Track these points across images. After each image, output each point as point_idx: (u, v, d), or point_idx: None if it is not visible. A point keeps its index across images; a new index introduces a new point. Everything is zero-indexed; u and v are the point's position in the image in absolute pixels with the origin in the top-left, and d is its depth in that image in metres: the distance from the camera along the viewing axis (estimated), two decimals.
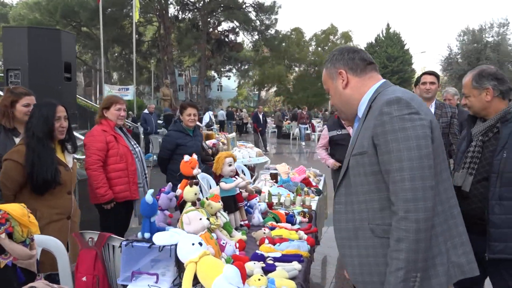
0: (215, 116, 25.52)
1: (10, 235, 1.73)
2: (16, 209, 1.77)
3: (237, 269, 1.83)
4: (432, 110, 3.79)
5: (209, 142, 8.07)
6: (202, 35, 34.72)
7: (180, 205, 2.47)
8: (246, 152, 7.69)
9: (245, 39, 40.77)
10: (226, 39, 39.36)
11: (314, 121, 21.48)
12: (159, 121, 15.35)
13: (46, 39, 3.72)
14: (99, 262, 2.30)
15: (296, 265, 2.15)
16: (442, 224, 1.54)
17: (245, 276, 1.87)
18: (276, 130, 22.27)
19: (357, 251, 1.62)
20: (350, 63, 1.68)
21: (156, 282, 1.94)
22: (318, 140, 18.81)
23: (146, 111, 13.17)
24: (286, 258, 2.24)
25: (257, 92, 50.54)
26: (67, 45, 3.88)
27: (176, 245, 1.95)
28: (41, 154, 2.49)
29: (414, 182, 1.41)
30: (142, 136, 13.10)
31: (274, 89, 43.62)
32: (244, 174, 4.98)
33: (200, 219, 2.12)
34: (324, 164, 4.91)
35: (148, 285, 1.93)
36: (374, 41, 34.89)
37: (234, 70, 44.94)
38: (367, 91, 1.66)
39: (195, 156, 2.65)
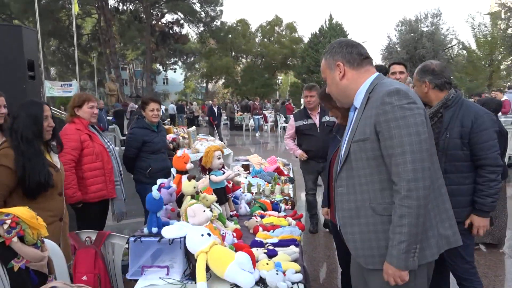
0: (166, 110, 25.05)
1: (21, 239, 1.71)
2: (24, 212, 1.75)
3: (248, 256, 1.94)
4: None
5: (168, 137, 7.99)
6: (146, 27, 33.75)
7: (178, 199, 2.51)
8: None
9: (190, 31, 40.26)
10: (171, 31, 38.58)
11: (266, 112, 21.72)
12: (108, 117, 14.85)
13: (7, 35, 3.52)
14: (100, 260, 2.32)
15: (294, 249, 2.29)
16: (432, 201, 1.74)
17: (255, 262, 1.98)
18: (228, 122, 22.28)
19: (358, 228, 1.79)
20: (348, 57, 1.83)
21: (167, 274, 1.99)
22: (271, 130, 19.09)
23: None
24: (283, 243, 2.37)
25: (204, 85, 50.11)
26: (29, 41, 3.69)
27: (184, 237, 2.02)
28: (31, 157, 2.39)
29: (415, 164, 1.59)
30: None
31: (222, 81, 43.44)
32: None
33: (204, 211, 2.19)
34: (292, 154, 5.03)
35: (160, 277, 1.98)
36: (318, 32, 35.63)
37: (179, 63, 44.16)
38: (363, 82, 1.82)
39: (188, 151, 2.67)
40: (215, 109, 15.74)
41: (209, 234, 2.02)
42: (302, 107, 6.90)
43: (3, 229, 1.68)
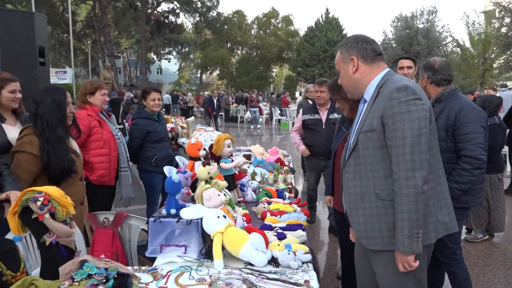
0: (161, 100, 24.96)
1: (52, 215, 1.82)
2: (55, 191, 1.86)
3: (261, 236, 2.08)
4: None
5: (167, 127, 8.08)
6: (141, 15, 33.51)
7: (192, 183, 2.63)
8: (208, 136, 7.82)
9: (186, 21, 40.01)
10: (166, 21, 38.34)
11: (260, 105, 21.82)
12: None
13: (19, 22, 3.58)
14: (117, 240, 2.43)
15: (301, 232, 2.43)
16: (432, 190, 1.87)
17: (267, 243, 2.12)
18: (223, 113, 22.33)
19: (362, 211, 1.94)
20: (362, 52, 1.95)
21: (185, 253, 2.12)
22: (266, 123, 19.03)
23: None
24: (290, 228, 2.51)
25: (198, 75, 49.98)
26: (40, 28, 3.76)
27: (201, 219, 2.14)
28: (55, 144, 2.46)
29: (414, 155, 1.73)
30: None
31: (217, 72, 43.34)
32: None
33: (218, 195, 2.32)
34: (296, 148, 5.09)
35: (177, 255, 2.11)
36: (314, 25, 35.69)
37: (174, 53, 43.96)
38: (375, 77, 1.95)
39: (202, 139, 2.79)
40: (215, 101, 15.74)
41: (224, 216, 2.15)
42: (297, 100, 7.10)
43: (36, 206, 1.79)
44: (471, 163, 2.58)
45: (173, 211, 2.18)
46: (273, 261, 2.06)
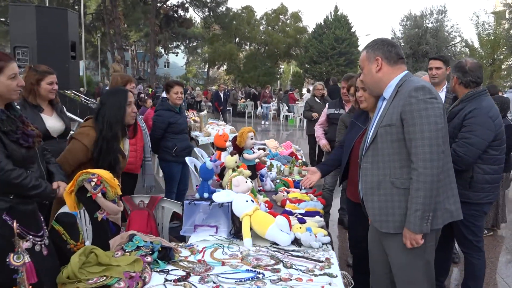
0: None
1: (103, 195, 2.06)
2: (105, 173, 2.10)
3: (286, 219, 2.31)
4: (443, 94, 3.89)
5: None
6: (151, 9, 33.74)
7: (220, 171, 2.86)
8: (220, 130, 8.05)
9: (194, 15, 40.18)
10: (175, 15, 38.55)
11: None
12: None
13: (54, 18, 3.81)
14: (152, 221, 2.67)
15: (319, 219, 2.66)
16: (443, 180, 2.08)
17: (291, 225, 2.35)
18: (231, 108, 22.53)
19: (378, 198, 2.17)
20: (387, 54, 2.17)
21: (216, 233, 2.36)
22: (273, 119, 18.73)
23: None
24: (309, 214, 2.74)
25: (206, 70, 50.18)
26: (73, 24, 4.00)
27: (231, 202, 2.38)
28: (109, 140, 2.64)
29: (432, 148, 1.95)
30: None
31: (224, 67, 43.49)
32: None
33: (246, 181, 2.55)
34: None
35: (209, 234, 2.35)
36: (323, 22, 35.73)
37: (182, 47, 44.17)
38: (394, 78, 2.17)
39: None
40: (221, 95, 15.84)
41: (252, 201, 2.38)
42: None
43: (90, 185, 2.02)
44: (454, 156, 2.64)
45: (206, 195, 2.41)
46: (296, 241, 2.29)
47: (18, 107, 2.25)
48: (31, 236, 1.55)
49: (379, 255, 2.34)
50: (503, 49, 25.20)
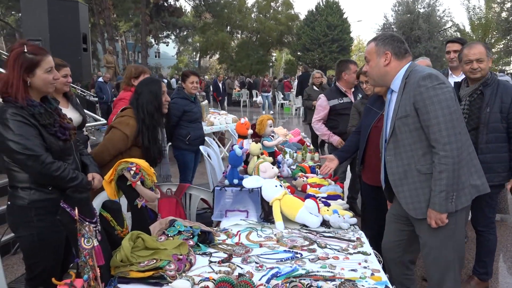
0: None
1: (142, 183, 2.12)
2: (143, 162, 2.16)
3: (315, 202, 2.40)
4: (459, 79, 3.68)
5: None
6: None
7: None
8: (223, 119, 8.11)
9: (185, 4, 39.76)
10: (165, 4, 38.12)
11: None
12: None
13: (65, 10, 3.82)
14: (180, 208, 2.75)
15: (342, 201, 2.76)
16: (465, 159, 2.17)
17: (319, 208, 2.44)
18: (226, 97, 22.51)
19: (407, 187, 2.25)
20: (396, 50, 2.26)
21: (247, 217, 2.45)
22: (269, 107, 17.89)
23: (100, 79, 12.87)
24: (331, 198, 2.83)
25: (197, 60, 49.85)
26: (83, 16, 4.01)
27: (261, 187, 2.46)
28: (153, 129, 2.75)
29: (448, 131, 2.04)
30: (97, 105, 12.84)
31: (216, 56, 43.26)
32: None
33: (272, 167, 2.64)
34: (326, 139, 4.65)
35: (240, 219, 2.44)
36: (314, 9, 35.63)
37: (172, 37, 43.80)
38: (400, 70, 2.26)
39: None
40: (220, 85, 15.75)
41: (280, 186, 2.47)
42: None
43: (130, 174, 2.09)
44: None
45: (235, 181, 2.49)
46: (325, 223, 2.38)
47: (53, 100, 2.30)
48: (87, 223, 1.62)
49: (393, 236, 2.46)
50: (494, 33, 25.47)
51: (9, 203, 2.19)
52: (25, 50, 2.08)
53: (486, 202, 3.03)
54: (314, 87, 6.93)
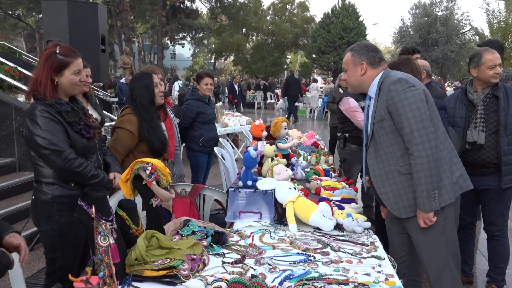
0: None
1: (157, 182, 2.15)
2: (158, 163, 2.18)
3: (329, 206, 2.40)
4: None
5: None
6: (158, 0, 33.68)
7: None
8: (237, 121, 8.14)
9: (201, 6, 40.05)
10: (182, 6, 38.47)
11: (278, 91, 22.01)
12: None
13: (85, 12, 3.89)
14: (194, 208, 2.77)
15: (356, 205, 2.74)
16: (445, 157, 2.22)
17: (333, 211, 2.43)
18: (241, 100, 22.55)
19: (389, 188, 2.30)
20: (371, 59, 2.32)
21: (260, 219, 2.45)
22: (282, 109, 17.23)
23: (122, 80, 13.08)
24: (345, 201, 2.82)
25: (212, 61, 50.14)
26: (102, 18, 4.07)
27: (274, 189, 2.47)
28: (151, 121, 2.82)
29: (420, 132, 2.10)
30: (115, 106, 13.02)
31: (231, 58, 43.44)
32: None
33: (286, 170, 2.64)
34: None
35: (254, 220, 2.44)
36: (330, 12, 35.52)
37: (188, 38, 44.19)
38: (376, 77, 2.31)
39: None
40: (236, 87, 15.64)
41: (294, 188, 2.47)
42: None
43: (145, 174, 2.11)
44: None
45: (249, 182, 2.50)
46: (338, 227, 2.37)
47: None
48: (103, 221, 1.64)
49: (397, 239, 2.47)
50: None
51: (33, 197, 2.28)
52: (57, 51, 2.17)
53: (507, 206, 3.00)
54: (340, 90, 6.84)
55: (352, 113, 4.25)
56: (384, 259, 1.99)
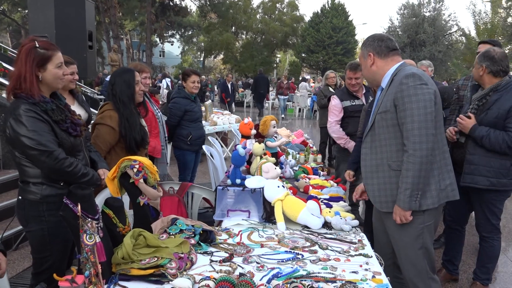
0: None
1: (145, 180, 2.12)
2: (146, 160, 2.16)
3: (317, 204, 2.40)
4: None
5: None
6: None
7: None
8: (226, 119, 8.11)
9: (190, 4, 39.82)
10: (171, 3, 38.19)
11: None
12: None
13: (72, 8, 3.83)
14: (182, 207, 2.75)
15: (344, 204, 2.76)
16: (438, 162, 2.21)
17: (321, 210, 2.44)
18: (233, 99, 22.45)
19: (377, 180, 2.31)
20: (377, 49, 2.31)
21: (249, 217, 2.45)
22: (272, 108, 17.56)
23: (108, 78, 12.92)
24: (333, 199, 2.83)
25: (202, 59, 49.90)
26: (89, 14, 4.02)
27: (263, 188, 2.46)
28: (129, 118, 2.78)
29: (421, 130, 2.08)
30: (102, 103, 12.86)
31: (220, 56, 43.30)
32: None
33: (275, 168, 2.63)
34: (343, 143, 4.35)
35: (242, 219, 2.44)
36: (319, 11, 35.62)
37: (177, 36, 43.90)
38: (389, 69, 2.30)
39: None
40: (229, 85, 15.49)
41: (283, 186, 2.47)
42: (324, 86, 7.01)
43: (133, 172, 2.09)
44: (508, 140, 2.79)
45: (238, 181, 2.49)
46: (326, 225, 2.38)
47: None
48: (89, 219, 1.62)
49: (383, 237, 2.48)
50: (500, 38, 25.29)
51: (19, 197, 2.22)
52: (37, 45, 2.10)
53: (489, 209, 3.03)
54: (330, 88, 6.84)
55: (329, 112, 4.46)
56: (372, 257, 2.00)
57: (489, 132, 2.84)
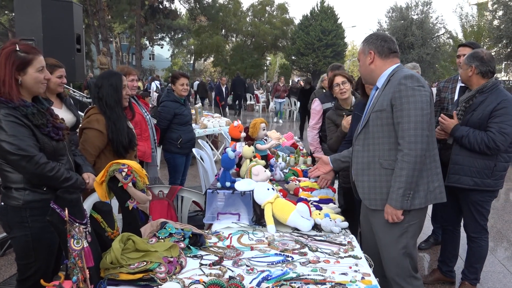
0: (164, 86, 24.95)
1: (134, 184, 2.11)
2: (135, 164, 2.15)
3: (306, 206, 2.41)
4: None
5: None
6: (137, 0, 33.26)
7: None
8: (216, 122, 8.10)
9: (180, 6, 39.76)
10: (161, 6, 38.10)
11: (257, 92, 22.03)
12: None
13: (59, 10, 3.80)
14: (172, 210, 2.74)
15: (333, 205, 2.77)
16: (428, 164, 2.24)
17: (311, 212, 2.44)
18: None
19: (367, 178, 2.35)
20: (379, 48, 2.33)
21: (238, 220, 2.44)
22: (262, 110, 17.63)
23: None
24: (323, 201, 2.84)
25: (192, 62, 49.82)
26: (77, 16, 3.98)
27: (253, 190, 2.46)
28: (116, 121, 2.75)
29: (416, 131, 2.12)
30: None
31: (211, 59, 43.27)
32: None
33: (265, 171, 2.64)
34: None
35: (232, 222, 2.43)
36: (309, 14, 35.83)
37: (167, 39, 43.79)
38: (387, 69, 2.33)
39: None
40: (223, 88, 15.39)
41: (273, 189, 2.47)
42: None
43: (121, 175, 2.07)
44: (489, 143, 2.79)
45: (228, 183, 2.49)
46: (316, 227, 2.39)
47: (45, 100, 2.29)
48: (77, 224, 1.60)
49: (371, 237, 2.50)
50: (486, 40, 25.67)
51: (2, 203, 2.17)
52: (17, 49, 2.06)
53: (476, 210, 3.06)
54: (324, 90, 6.81)
55: (311, 114, 4.48)
56: (361, 258, 2.01)
57: (469, 132, 2.89)
